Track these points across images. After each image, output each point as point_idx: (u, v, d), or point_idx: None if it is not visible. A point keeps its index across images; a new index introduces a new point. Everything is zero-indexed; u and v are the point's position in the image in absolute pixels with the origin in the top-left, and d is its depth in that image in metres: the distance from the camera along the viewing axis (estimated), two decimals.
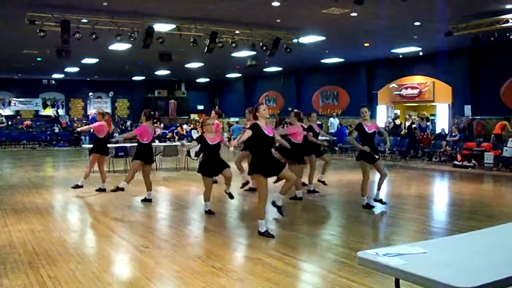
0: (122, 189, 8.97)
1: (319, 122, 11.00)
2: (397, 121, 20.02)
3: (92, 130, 10.99)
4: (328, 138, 14.04)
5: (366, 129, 8.23)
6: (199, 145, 7.93)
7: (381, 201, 8.49)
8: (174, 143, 17.29)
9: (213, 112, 11.47)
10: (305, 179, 10.33)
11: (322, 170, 10.51)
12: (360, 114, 8.36)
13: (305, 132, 9.43)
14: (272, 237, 6.37)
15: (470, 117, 17.61)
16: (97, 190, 10.31)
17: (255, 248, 5.96)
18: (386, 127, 19.51)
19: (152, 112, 9.64)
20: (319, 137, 10.53)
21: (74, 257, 5.62)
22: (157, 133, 12.06)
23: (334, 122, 22.76)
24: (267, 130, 6.46)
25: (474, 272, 2.58)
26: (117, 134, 12.38)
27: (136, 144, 9.41)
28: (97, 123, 10.68)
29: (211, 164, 7.83)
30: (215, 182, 9.43)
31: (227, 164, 7.98)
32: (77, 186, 10.38)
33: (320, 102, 25.43)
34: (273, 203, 6.81)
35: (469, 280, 2.41)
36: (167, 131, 25.91)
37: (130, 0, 11.07)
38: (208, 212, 7.97)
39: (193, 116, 31.81)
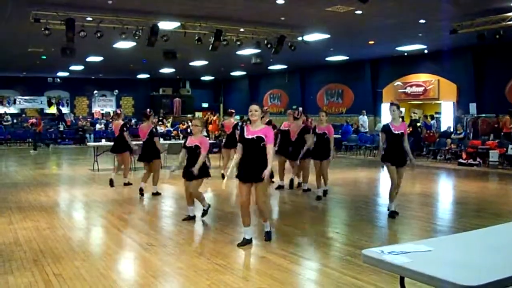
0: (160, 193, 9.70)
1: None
2: None
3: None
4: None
5: (393, 129, 7.43)
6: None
7: (393, 213, 7.66)
8: (179, 141, 17.29)
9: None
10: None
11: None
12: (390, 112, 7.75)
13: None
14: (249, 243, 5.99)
15: (475, 115, 17.54)
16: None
17: (260, 246, 5.96)
18: None
19: (148, 112, 9.88)
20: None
21: (79, 254, 5.64)
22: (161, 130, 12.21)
23: (365, 120, 21.70)
24: (248, 132, 5.80)
25: (479, 270, 2.57)
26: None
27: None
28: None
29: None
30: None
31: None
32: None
33: (324, 100, 25.39)
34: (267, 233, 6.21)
35: (474, 278, 2.41)
36: (172, 129, 25.92)
37: None
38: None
39: (197, 114, 31.81)
